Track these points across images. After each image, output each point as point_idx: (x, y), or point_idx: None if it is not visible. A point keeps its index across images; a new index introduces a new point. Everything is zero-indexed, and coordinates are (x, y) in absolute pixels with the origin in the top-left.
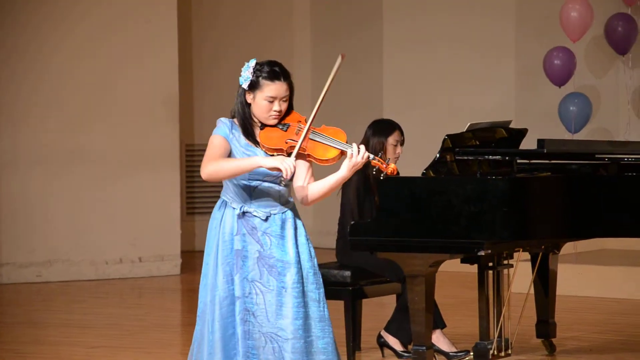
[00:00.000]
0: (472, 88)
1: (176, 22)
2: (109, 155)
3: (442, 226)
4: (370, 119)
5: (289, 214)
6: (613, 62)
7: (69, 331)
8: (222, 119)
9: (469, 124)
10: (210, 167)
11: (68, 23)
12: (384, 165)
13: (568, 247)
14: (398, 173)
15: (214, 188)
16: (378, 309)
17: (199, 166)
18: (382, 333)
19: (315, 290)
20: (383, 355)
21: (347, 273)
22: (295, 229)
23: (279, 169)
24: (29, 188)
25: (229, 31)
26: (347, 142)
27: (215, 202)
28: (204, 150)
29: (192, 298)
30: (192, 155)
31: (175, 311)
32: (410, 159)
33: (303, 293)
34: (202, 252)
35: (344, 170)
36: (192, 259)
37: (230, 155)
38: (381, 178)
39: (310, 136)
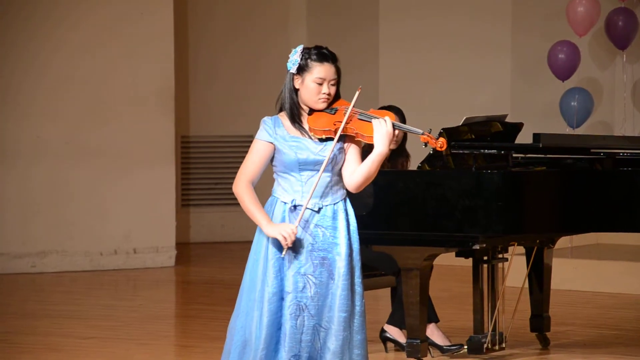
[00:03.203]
0: (468, 88)
1: (172, 13)
2: (104, 147)
3: (437, 220)
4: None
5: (341, 205)
6: (614, 56)
7: (62, 322)
8: (265, 118)
9: (464, 117)
10: (238, 192)
11: (62, 15)
12: (434, 141)
13: (563, 242)
14: (448, 147)
15: (210, 180)
16: (373, 302)
17: (195, 158)
18: (385, 327)
19: (360, 284)
20: (386, 351)
21: None
22: (348, 220)
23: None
24: (24, 179)
25: (226, 22)
26: None
27: (211, 194)
28: (200, 142)
29: (186, 290)
30: (187, 147)
31: (170, 303)
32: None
33: (351, 286)
34: (197, 244)
35: (376, 145)
36: (186, 250)
37: (276, 151)
38: (431, 152)
39: (358, 117)
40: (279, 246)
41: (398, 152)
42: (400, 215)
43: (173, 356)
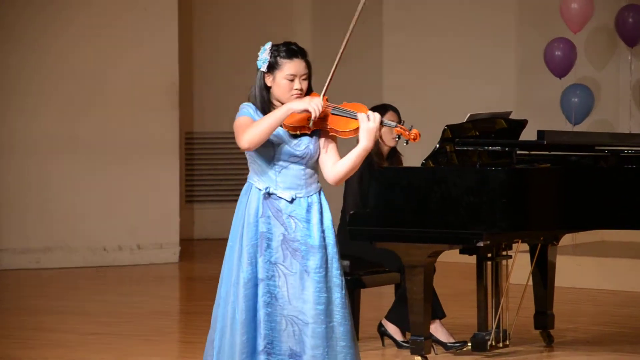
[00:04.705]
0: (472, 78)
1: (176, 8)
2: (109, 143)
3: (441, 217)
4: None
5: (315, 197)
6: (614, 53)
7: (65, 318)
8: (246, 103)
9: (469, 114)
10: (248, 133)
11: (66, 10)
12: (407, 132)
13: (567, 239)
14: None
15: (214, 177)
16: (377, 299)
17: (199, 154)
18: (382, 322)
19: (339, 276)
20: (383, 345)
21: (346, 263)
22: (322, 213)
23: (307, 111)
24: (28, 174)
25: (230, 18)
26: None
27: (215, 190)
28: (204, 138)
29: (190, 286)
30: (192, 143)
31: (173, 299)
32: (410, 149)
33: (326, 278)
34: (201, 240)
35: (363, 140)
36: (190, 247)
37: None
38: (405, 144)
39: (332, 111)
40: (254, 231)
41: (394, 151)
42: (404, 212)
43: (177, 352)
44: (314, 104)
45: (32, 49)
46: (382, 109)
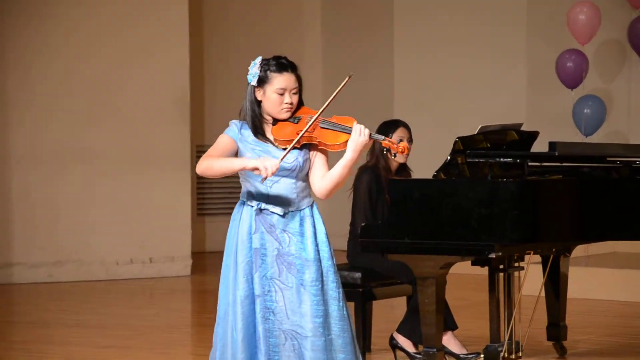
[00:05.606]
0: (483, 91)
1: (187, 21)
2: (120, 156)
3: (452, 228)
4: (381, 122)
5: (307, 211)
6: (625, 65)
7: (79, 331)
8: (234, 120)
9: (480, 126)
10: (203, 164)
11: (75, 20)
12: (395, 145)
13: (579, 250)
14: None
15: (225, 189)
16: (388, 311)
17: None
18: (394, 335)
19: (335, 288)
20: (395, 358)
21: (358, 275)
22: (315, 226)
23: (258, 169)
24: (39, 188)
25: (240, 32)
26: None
27: (226, 203)
28: None
29: (202, 299)
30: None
31: (186, 312)
32: (421, 160)
33: (322, 291)
34: (212, 253)
35: (349, 152)
36: (202, 259)
37: (238, 154)
38: (393, 157)
39: (321, 125)
40: (248, 248)
41: (404, 166)
42: (416, 224)
43: None
44: (267, 164)
45: (40, 59)
46: (393, 124)
